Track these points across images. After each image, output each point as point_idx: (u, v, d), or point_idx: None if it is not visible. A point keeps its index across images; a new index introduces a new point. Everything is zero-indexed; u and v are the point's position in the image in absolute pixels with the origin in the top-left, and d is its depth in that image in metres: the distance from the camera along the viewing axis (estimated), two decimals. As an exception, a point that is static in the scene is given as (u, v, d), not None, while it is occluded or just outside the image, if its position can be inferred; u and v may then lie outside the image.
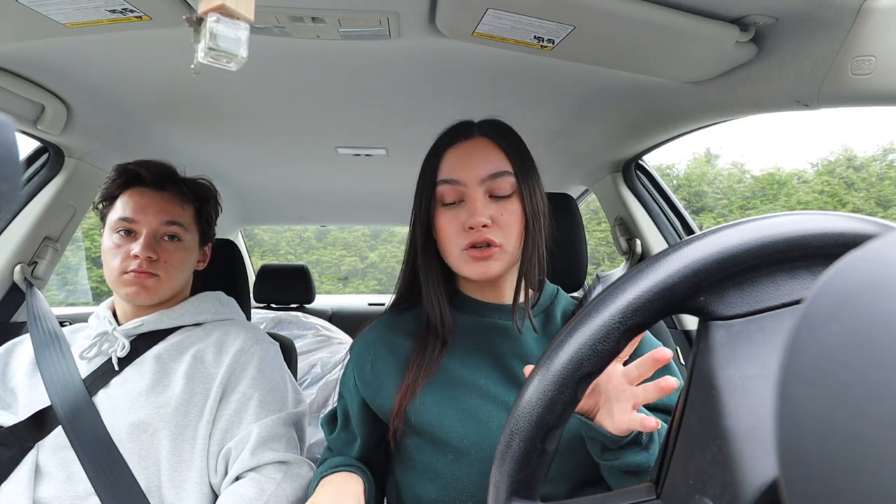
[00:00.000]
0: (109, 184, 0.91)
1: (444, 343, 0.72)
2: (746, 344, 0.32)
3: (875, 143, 25.83)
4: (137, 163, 0.92)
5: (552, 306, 0.78)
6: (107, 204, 0.92)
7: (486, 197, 0.70)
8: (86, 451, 0.78)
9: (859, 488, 0.15)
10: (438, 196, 0.72)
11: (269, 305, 2.19)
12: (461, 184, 0.70)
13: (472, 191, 0.69)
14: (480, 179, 0.69)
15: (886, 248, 0.17)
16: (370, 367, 0.75)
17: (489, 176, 0.69)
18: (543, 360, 0.34)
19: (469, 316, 0.75)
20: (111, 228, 0.88)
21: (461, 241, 0.69)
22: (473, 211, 0.68)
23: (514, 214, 0.70)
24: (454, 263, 0.71)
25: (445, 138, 0.75)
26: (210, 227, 1.00)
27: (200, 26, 0.47)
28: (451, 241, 0.70)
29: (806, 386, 0.17)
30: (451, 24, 0.72)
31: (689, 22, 0.67)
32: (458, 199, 0.70)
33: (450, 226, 0.70)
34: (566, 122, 1.18)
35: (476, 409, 0.68)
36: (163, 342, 0.89)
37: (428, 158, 0.75)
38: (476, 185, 0.69)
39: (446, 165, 0.72)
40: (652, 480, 0.36)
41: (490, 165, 0.70)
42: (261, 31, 0.75)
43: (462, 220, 0.69)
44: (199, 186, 0.97)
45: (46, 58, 0.87)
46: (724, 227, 0.33)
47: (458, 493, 0.67)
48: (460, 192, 0.70)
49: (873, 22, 0.61)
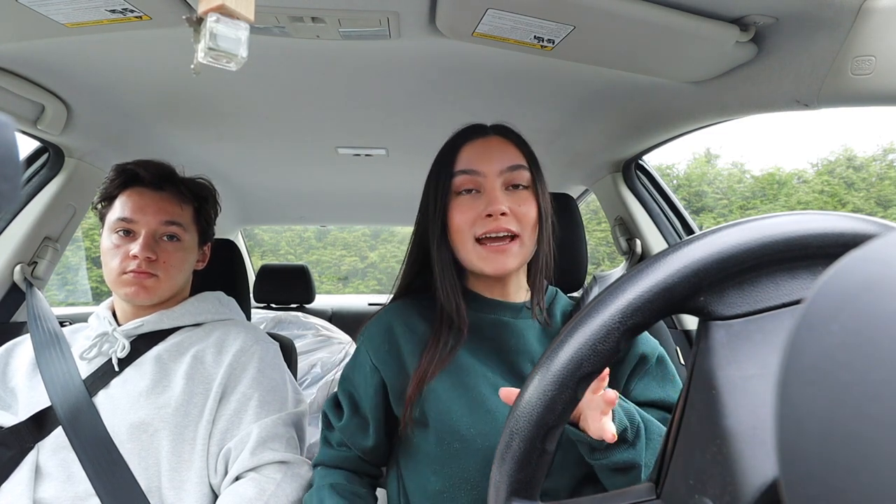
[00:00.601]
0: (108, 184, 0.91)
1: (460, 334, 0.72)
2: (746, 344, 0.32)
3: (875, 143, 25.82)
4: (136, 163, 0.92)
5: (552, 306, 0.79)
6: (105, 204, 0.91)
7: (504, 189, 0.71)
8: (86, 451, 0.78)
9: (859, 488, 0.15)
10: (455, 186, 0.72)
11: (269, 305, 2.19)
12: (480, 174, 0.71)
13: (491, 181, 0.70)
14: (499, 171, 0.71)
15: (886, 248, 0.17)
16: (388, 346, 0.75)
17: (507, 168, 0.71)
18: (543, 360, 0.34)
19: (475, 312, 0.75)
20: (110, 229, 0.88)
21: (477, 230, 0.69)
22: (493, 199, 0.69)
23: (530, 207, 0.71)
24: (467, 257, 0.71)
25: (461, 135, 0.76)
26: (209, 226, 1.00)
27: (200, 26, 0.47)
28: (465, 231, 0.70)
29: (806, 386, 0.17)
30: (451, 24, 0.72)
31: (689, 22, 0.67)
32: (476, 188, 0.71)
33: (465, 215, 0.70)
34: (566, 122, 1.18)
35: (485, 399, 0.68)
36: (163, 343, 0.89)
37: (443, 153, 0.76)
38: (495, 176, 0.71)
39: (464, 158, 0.73)
40: (652, 480, 0.36)
41: (508, 158, 0.72)
42: (261, 31, 0.75)
43: (479, 210, 0.70)
44: (197, 186, 0.97)
45: (46, 58, 0.87)
46: (724, 227, 0.33)
47: (462, 482, 0.68)
48: (478, 181, 0.71)
49: (873, 22, 0.61)
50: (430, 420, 0.70)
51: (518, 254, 0.70)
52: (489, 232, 0.69)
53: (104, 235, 0.90)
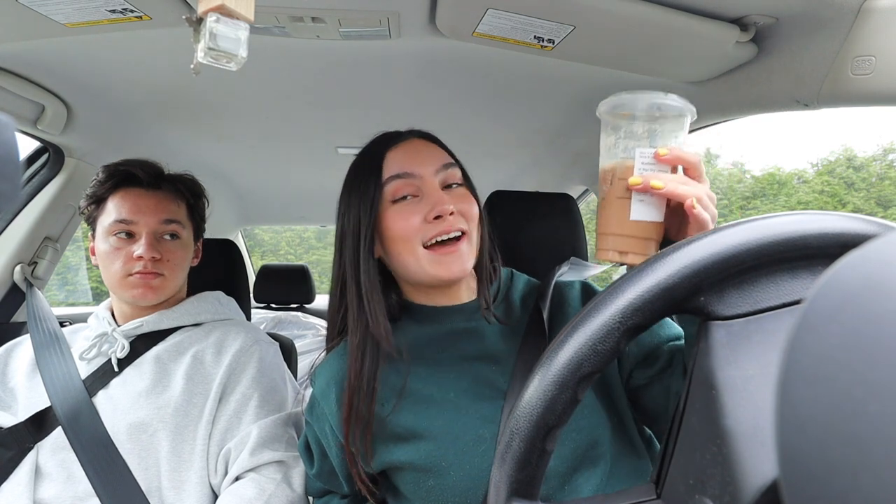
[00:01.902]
0: (98, 186, 0.89)
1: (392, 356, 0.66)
2: (746, 344, 0.32)
3: (875, 143, 25.81)
4: (126, 162, 0.90)
5: (509, 292, 0.76)
6: (95, 207, 0.89)
7: (442, 188, 0.68)
8: (85, 451, 0.78)
9: (859, 489, 0.15)
10: (389, 194, 0.67)
11: (269, 305, 2.19)
12: (415, 176, 0.66)
13: (430, 182, 0.66)
14: (434, 171, 0.67)
15: (886, 248, 0.17)
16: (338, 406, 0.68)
17: (442, 166, 0.68)
18: (543, 360, 0.34)
19: (424, 326, 0.71)
20: (107, 232, 0.86)
21: (423, 235, 0.64)
22: (438, 199, 0.65)
23: (471, 203, 0.68)
24: (416, 265, 0.66)
25: (378, 142, 0.72)
26: (202, 221, 0.99)
27: (200, 26, 0.47)
28: (410, 239, 0.65)
29: (806, 386, 0.17)
30: (451, 24, 0.72)
31: (689, 22, 0.67)
32: (413, 193, 0.67)
33: (407, 222, 0.65)
34: (566, 122, 1.18)
35: (450, 426, 0.64)
36: (162, 343, 0.89)
37: (363, 164, 0.70)
38: (432, 176, 0.67)
39: (392, 163, 0.68)
40: (652, 480, 0.35)
41: (438, 158, 0.69)
42: (261, 31, 0.75)
43: (423, 213, 0.65)
44: (189, 182, 0.96)
45: (46, 58, 0.87)
46: (723, 227, 0.33)
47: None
48: (415, 185, 0.67)
49: (873, 22, 0.61)
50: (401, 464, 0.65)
51: (469, 252, 0.66)
52: (439, 235, 0.64)
53: (99, 239, 0.88)
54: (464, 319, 0.71)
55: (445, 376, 0.67)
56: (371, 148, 0.72)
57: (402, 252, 0.66)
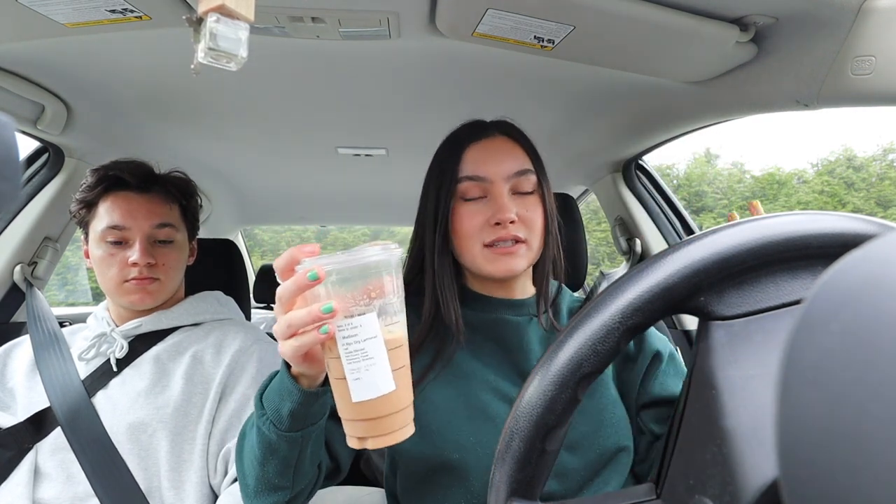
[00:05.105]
0: (88, 190, 0.87)
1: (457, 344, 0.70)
2: (746, 344, 0.32)
3: (875, 143, 25.79)
4: (115, 165, 0.88)
5: (558, 302, 0.78)
6: (87, 211, 0.88)
7: (511, 194, 0.70)
8: (85, 452, 0.78)
9: (859, 489, 0.15)
10: (460, 192, 0.70)
11: (268, 305, 2.19)
12: (486, 180, 0.69)
13: (498, 187, 0.69)
14: (506, 176, 0.69)
15: (886, 248, 0.17)
16: None
17: (515, 173, 0.70)
18: (543, 361, 0.34)
19: (477, 312, 0.74)
20: (100, 237, 0.85)
21: (484, 237, 0.68)
22: (502, 207, 0.67)
23: (537, 211, 0.70)
24: (473, 261, 0.70)
25: (463, 134, 0.74)
26: (196, 221, 0.98)
27: (200, 26, 0.47)
28: (472, 237, 0.69)
29: (806, 386, 0.17)
30: (451, 24, 0.72)
31: (689, 22, 0.67)
32: (482, 195, 0.70)
33: (471, 222, 0.69)
34: (566, 122, 1.18)
35: (485, 406, 0.67)
36: (161, 343, 0.89)
37: (445, 154, 0.74)
38: (502, 182, 0.69)
39: (469, 162, 0.71)
40: (652, 480, 0.35)
41: (515, 163, 0.70)
42: (261, 31, 0.75)
43: (486, 216, 0.68)
44: (181, 183, 0.95)
45: (46, 58, 0.87)
46: (724, 227, 0.33)
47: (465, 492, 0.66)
48: (484, 188, 0.70)
49: (873, 22, 0.61)
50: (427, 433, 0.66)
51: (525, 256, 0.69)
52: (498, 240, 0.68)
53: (92, 244, 0.87)
54: (514, 313, 0.74)
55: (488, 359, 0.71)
56: (454, 139, 0.75)
57: (464, 246, 0.71)
